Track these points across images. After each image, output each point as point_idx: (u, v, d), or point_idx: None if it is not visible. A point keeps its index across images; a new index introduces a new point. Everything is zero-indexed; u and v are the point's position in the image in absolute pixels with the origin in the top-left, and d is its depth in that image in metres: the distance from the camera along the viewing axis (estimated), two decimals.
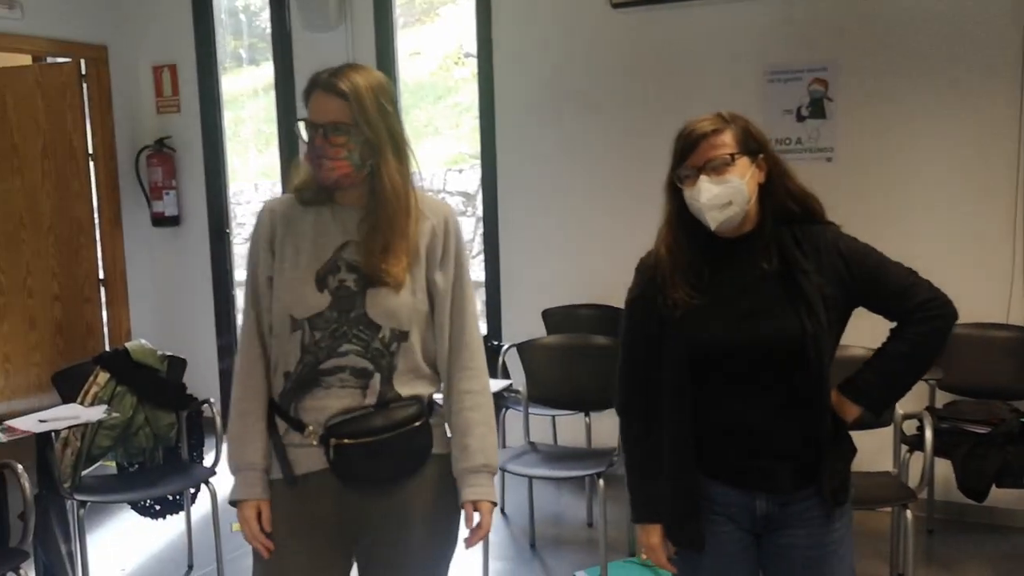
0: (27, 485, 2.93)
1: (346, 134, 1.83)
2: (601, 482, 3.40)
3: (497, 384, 3.94)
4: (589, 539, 4.00)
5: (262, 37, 6.20)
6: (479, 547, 3.55)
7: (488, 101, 4.83)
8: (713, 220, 1.81)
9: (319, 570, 1.91)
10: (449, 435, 1.98)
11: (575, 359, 3.82)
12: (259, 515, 1.89)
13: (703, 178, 1.80)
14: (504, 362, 4.39)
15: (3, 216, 5.59)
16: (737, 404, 1.83)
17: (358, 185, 1.89)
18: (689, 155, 1.82)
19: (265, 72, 5.99)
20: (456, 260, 1.94)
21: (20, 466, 2.95)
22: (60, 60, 5.50)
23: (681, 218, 1.87)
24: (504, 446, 4.31)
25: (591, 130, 4.66)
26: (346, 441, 1.84)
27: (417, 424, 1.89)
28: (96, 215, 5.57)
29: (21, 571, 2.86)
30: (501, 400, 4.24)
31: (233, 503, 1.91)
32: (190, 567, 3.79)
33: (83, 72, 5.40)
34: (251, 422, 1.91)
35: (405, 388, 1.89)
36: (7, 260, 5.57)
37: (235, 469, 1.92)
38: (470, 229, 7.70)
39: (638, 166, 4.55)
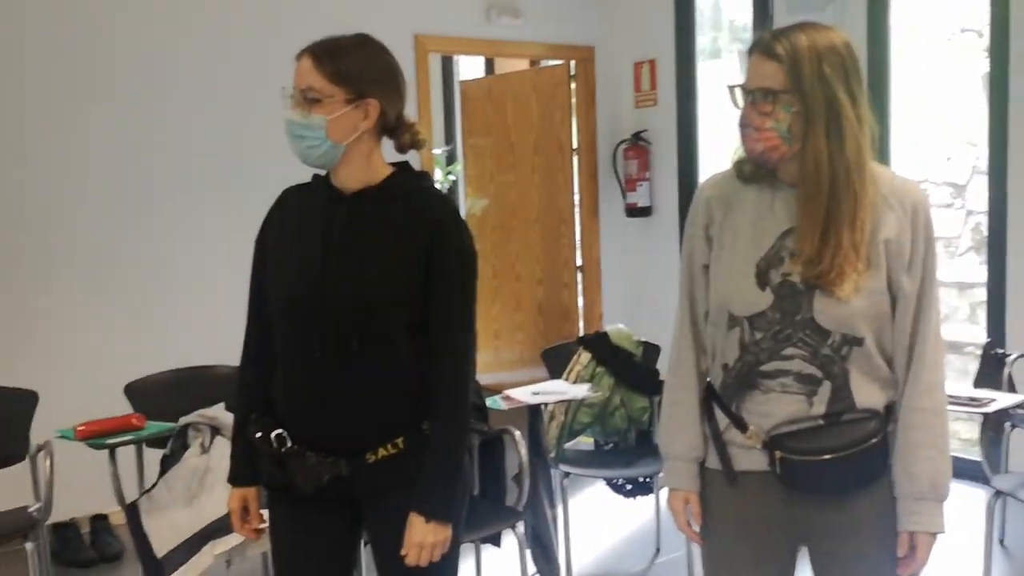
0: (524, 451, 3.16)
1: (774, 101, 1.65)
2: None
3: (1006, 399, 3.43)
4: None
5: (730, 29, 6.14)
6: None
7: (1001, 79, 4.23)
8: None
9: (765, 564, 1.83)
10: None
11: None
12: (687, 504, 1.87)
13: None
14: (1010, 374, 3.80)
15: (498, 207, 6.22)
16: None
17: (794, 161, 1.70)
18: None
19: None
20: (925, 261, 1.72)
21: (518, 432, 3.19)
22: (552, 63, 5.95)
23: None
24: (1007, 471, 3.75)
25: None
26: (794, 457, 1.71)
27: (873, 441, 1.71)
28: (576, 206, 5.94)
29: (516, 530, 3.10)
30: (1006, 417, 3.68)
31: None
32: (657, 550, 3.84)
33: (571, 72, 5.77)
34: (680, 412, 1.86)
35: (861, 395, 1.71)
36: (500, 247, 6.19)
37: (664, 456, 1.91)
38: (959, 223, 6.96)
39: None
